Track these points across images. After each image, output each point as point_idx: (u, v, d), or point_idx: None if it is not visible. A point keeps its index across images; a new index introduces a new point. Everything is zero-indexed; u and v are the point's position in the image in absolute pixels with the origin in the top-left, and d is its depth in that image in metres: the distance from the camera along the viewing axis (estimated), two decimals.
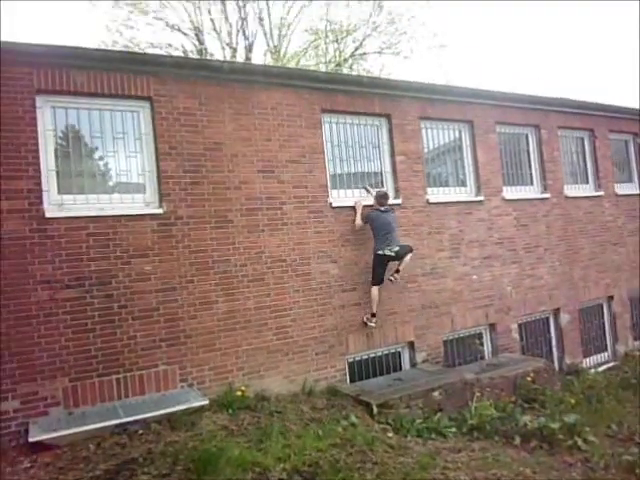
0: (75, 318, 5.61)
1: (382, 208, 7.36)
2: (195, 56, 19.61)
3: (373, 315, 7.34)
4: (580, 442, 5.99)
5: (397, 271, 7.42)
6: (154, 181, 6.24)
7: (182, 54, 19.71)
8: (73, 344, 5.58)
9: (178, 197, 6.24)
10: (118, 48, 18.52)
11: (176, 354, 6.09)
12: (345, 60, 20.97)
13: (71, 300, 5.61)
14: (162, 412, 5.43)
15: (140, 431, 5.21)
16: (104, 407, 5.59)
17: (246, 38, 20.08)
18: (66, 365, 5.53)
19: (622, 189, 11.43)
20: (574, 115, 10.55)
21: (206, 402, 5.65)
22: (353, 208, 7.49)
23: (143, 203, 6.20)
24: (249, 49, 20.09)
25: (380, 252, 7.21)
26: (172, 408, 5.49)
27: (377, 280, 7.33)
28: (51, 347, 5.47)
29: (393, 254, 7.22)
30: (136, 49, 18.87)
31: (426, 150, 8.59)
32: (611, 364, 10.28)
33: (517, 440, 5.98)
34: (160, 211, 6.14)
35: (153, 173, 6.25)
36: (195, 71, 6.62)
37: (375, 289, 7.34)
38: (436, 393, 6.67)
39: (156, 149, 6.24)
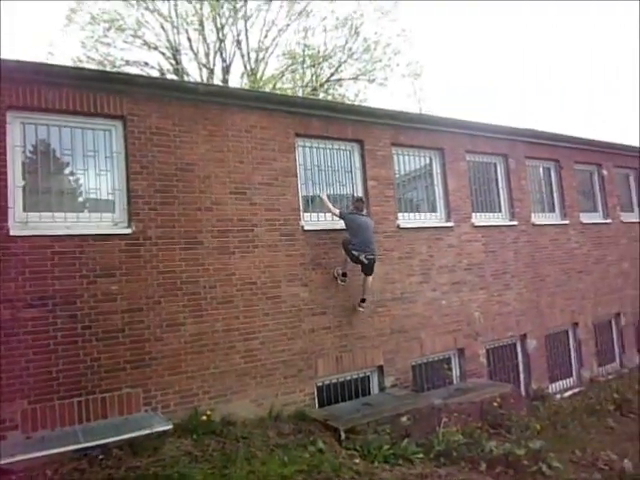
0: (37, 339, 5.46)
1: (362, 212, 7.48)
2: (172, 75, 19.68)
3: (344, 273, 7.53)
4: (545, 468, 6.06)
5: (363, 300, 7.54)
6: (124, 200, 6.18)
7: (159, 73, 19.75)
8: (34, 365, 5.42)
9: (148, 217, 6.19)
10: (93, 65, 18.48)
11: (141, 377, 5.96)
12: (321, 85, 21.28)
13: (33, 320, 5.46)
14: (124, 437, 5.28)
15: (101, 456, 5.06)
16: (64, 431, 5.42)
17: (223, 60, 20.25)
18: (26, 387, 5.35)
19: (587, 218, 11.76)
20: (541, 146, 10.88)
21: (170, 427, 5.52)
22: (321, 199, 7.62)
23: (112, 222, 6.12)
24: (226, 71, 20.23)
25: (356, 254, 7.24)
26: (135, 433, 5.35)
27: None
28: (10, 368, 5.30)
29: (366, 262, 7.29)
30: (111, 66, 18.83)
31: (397, 175, 8.73)
32: (576, 390, 10.44)
33: (483, 466, 6.00)
34: (129, 231, 6.07)
35: (123, 192, 6.19)
36: (170, 92, 6.64)
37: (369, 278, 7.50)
38: (404, 418, 6.66)
39: (127, 168, 6.20)
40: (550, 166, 11.31)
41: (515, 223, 10.13)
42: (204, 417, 5.98)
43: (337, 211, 7.42)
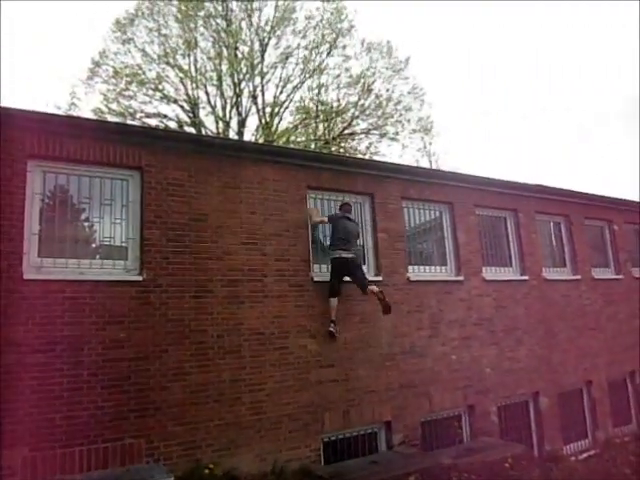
0: (42, 384, 5.44)
1: (347, 215, 7.57)
2: (189, 128, 20.31)
3: (332, 322, 7.29)
4: None
5: (385, 307, 7.24)
6: (136, 248, 6.29)
7: (177, 125, 20.39)
8: (37, 411, 5.38)
9: (159, 265, 6.27)
10: (114, 116, 19.15)
11: (144, 427, 5.87)
12: (334, 138, 21.79)
13: (40, 365, 5.46)
14: None
15: None
16: None
17: (239, 113, 20.89)
18: (28, 434, 5.30)
19: (598, 273, 11.68)
20: (551, 201, 10.96)
21: (171, 479, 5.41)
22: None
23: (124, 269, 6.21)
24: (242, 124, 20.84)
25: (335, 255, 7.26)
26: None
27: (331, 291, 7.32)
28: (14, 414, 5.26)
29: (349, 257, 7.25)
30: (131, 118, 19.49)
31: (407, 228, 8.81)
32: (592, 452, 10.04)
33: None
34: (140, 278, 6.14)
35: (136, 240, 6.31)
36: (187, 144, 6.88)
37: (333, 300, 7.31)
38: (412, 478, 6.43)
39: (142, 217, 6.34)
40: (560, 221, 11.34)
41: (526, 278, 10.08)
42: (206, 470, 5.86)
43: (325, 218, 7.59)
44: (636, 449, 9.70)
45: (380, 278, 8.03)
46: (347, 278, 7.47)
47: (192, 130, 19.99)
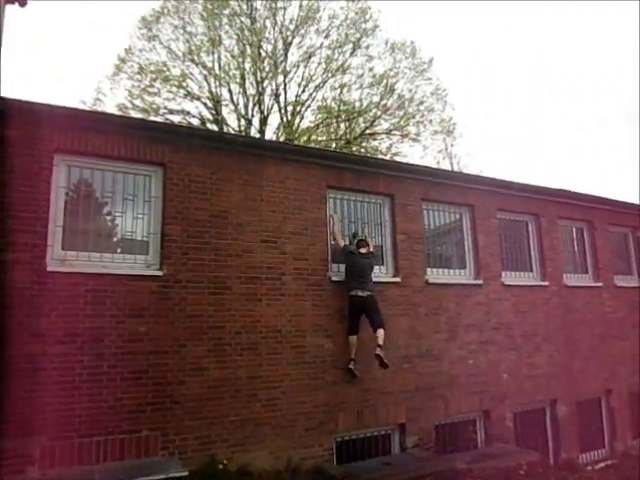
0: (63, 375, 5.54)
1: (361, 250, 7.52)
2: (212, 125, 20.45)
3: (352, 360, 7.21)
4: None
5: (379, 359, 7.08)
6: (157, 243, 6.36)
7: (200, 122, 20.55)
8: (58, 401, 5.48)
9: (179, 261, 6.34)
10: (138, 113, 19.38)
11: (160, 420, 5.95)
12: (355, 138, 21.74)
13: (62, 356, 5.57)
14: None
15: None
16: (81, 470, 5.40)
17: (261, 112, 20.98)
18: (48, 423, 5.40)
19: (621, 281, 11.47)
20: (574, 206, 10.79)
21: (185, 474, 5.44)
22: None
23: (144, 264, 6.29)
24: (263, 122, 20.93)
25: (352, 294, 7.20)
26: (150, 477, 5.29)
27: (350, 329, 7.26)
28: (35, 403, 5.37)
29: (365, 295, 7.16)
30: (155, 115, 19.71)
31: (427, 230, 8.76)
32: (609, 462, 9.88)
33: None
34: (160, 273, 6.21)
35: (157, 236, 6.39)
36: (209, 142, 6.94)
37: (352, 338, 7.25)
38: None
39: (163, 212, 6.42)
40: (583, 227, 11.17)
41: (546, 284, 9.95)
42: (220, 465, 5.91)
43: (342, 243, 7.53)
44: None
45: (398, 279, 8.01)
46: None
47: (214, 127, 20.12)
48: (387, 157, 20.78)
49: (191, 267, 6.40)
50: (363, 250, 7.56)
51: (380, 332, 7.16)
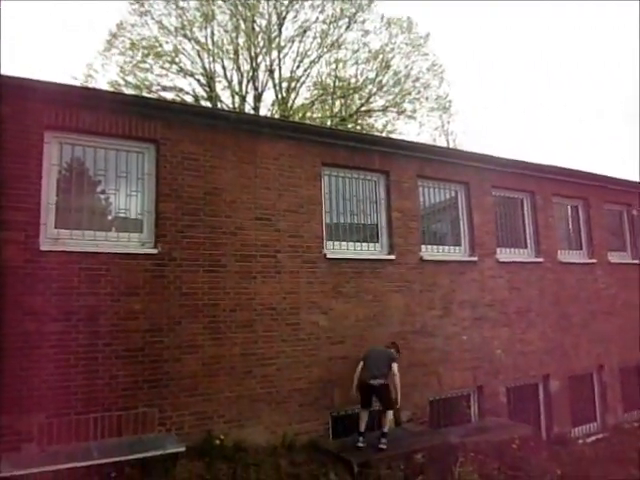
0: (59, 353, 5.57)
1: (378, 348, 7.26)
2: (205, 102, 20.18)
3: (360, 434, 6.77)
4: None
5: (383, 435, 6.73)
6: (151, 221, 6.33)
7: (193, 99, 20.28)
8: (54, 379, 5.51)
9: (174, 239, 6.32)
10: (130, 89, 19.09)
11: (157, 397, 5.99)
12: (350, 115, 21.53)
13: (57, 334, 5.58)
14: (137, 456, 5.32)
15: (113, 474, 5.10)
16: (78, 447, 5.46)
17: (255, 88, 20.70)
18: (44, 400, 5.44)
19: (615, 258, 11.52)
20: (569, 184, 10.77)
21: (183, 449, 5.52)
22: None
23: (139, 242, 6.26)
24: (258, 98, 20.66)
25: (366, 382, 6.88)
26: (148, 453, 5.38)
27: (363, 404, 6.96)
28: (31, 380, 5.40)
29: (376, 384, 6.82)
30: (147, 91, 19.43)
31: (422, 208, 8.74)
32: (600, 435, 10.06)
33: None
34: (155, 251, 6.20)
35: (151, 213, 6.35)
36: (202, 118, 6.86)
37: (364, 412, 6.91)
38: (419, 455, 6.52)
39: (157, 190, 6.37)
40: (578, 204, 11.17)
41: (541, 260, 9.99)
42: (217, 441, 5.98)
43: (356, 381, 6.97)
44: None
45: (393, 257, 8.02)
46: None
47: (208, 104, 19.87)
48: (383, 134, 20.60)
49: (185, 245, 6.38)
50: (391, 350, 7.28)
51: (389, 414, 6.96)
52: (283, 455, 6.22)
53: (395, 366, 6.98)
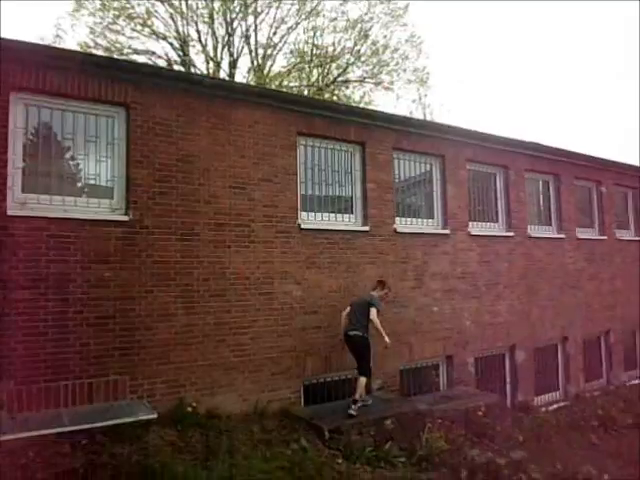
0: (28, 320, 5.46)
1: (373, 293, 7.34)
2: (179, 67, 19.62)
3: (354, 400, 6.84)
4: (525, 479, 6.08)
5: (354, 402, 6.83)
6: (122, 188, 6.19)
7: (166, 63, 19.68)
8: (23, 347, 5.42)
9: (145, 206, 6.20)
10: (100, 52, 18.43)
11: (129, 364, 5.97)
12: (327, 85, 21.25)
13: (25, 302, 5.47)
14: (108, 423, 5.30)
15: (84, 441, 5.08)
16: (49, 414, 5.42)
17: (231, 54, 20.20)
18: (13, 368, 5.36)
19: (583, 234, 11.81)
20: (542, 159, 10.92)
21: (155, 416, 5.53)
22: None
23: (109, 209, 6.13)
24: (233, 65, 20.19)
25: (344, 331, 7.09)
26: (119, 420, 5.37)
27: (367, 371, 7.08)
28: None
29: (352, 334, 7.02)
30: (118, 54, 18.78)
31: (397, 180, 8.76)
32: (562, 404, 10.47)
33: (464, 473, 6.02)
34: (126, 218, 6.08)
35: (122, 179, 6.20)
36: (175, 82, 6.66)
37: (362, 379, 6.99)
38: (389, 422, 6.68)
39: (128, 156, 6.21)
40: (549, 180, 11.35)
41: (511, 234, 10.17)
42: (189, 409, 6.01)
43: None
44: (604, 403, 10.15)
45: (367, 228, 8.06)
46: None
47: (181, 69, 19.34)
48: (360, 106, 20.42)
49: (158, 212, 6.28)
50: (373, 292, 7.35)
51: (361, 380, 6.97)
52: (255, 422, 6.30)
53: (373, 311, 6.97)
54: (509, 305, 10.00)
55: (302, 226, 7.43)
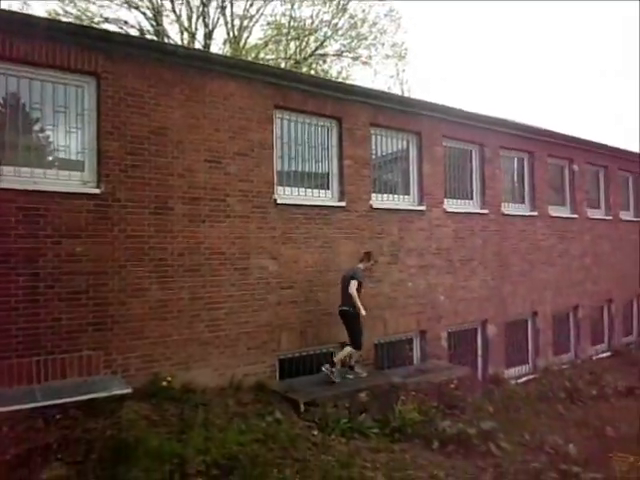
0: None
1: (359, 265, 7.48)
2: (152, 37, 19.08)
3: (331, 364, 7.17)
4: (494, 448, 6.28)
5: (332, 364, 7.16)
6: (93, 160, 6.04)
7: (138, 33, 19.11)
8: None
9: (117, 179, 6.07)
10: (70, 20, 17.77)
11: (102, 340, 5.91)
12: (305, 59, 20.96)
13: None
14: (82, 398, 5.27)
15: (57, 416, 5.04)
16: (21, 389, 5.36)
17: (206, 25, 19.70)
18: None
19: (555, 211, 12.02)
20: (517, 137, 11.01)
21: (129, 390, 5.51)
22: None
23: (80, 181, 5.98)
24: (208, 36, 19.72)
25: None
26: (93, 394, 5.34)
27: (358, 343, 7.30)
28: None
29: (342, 309, 7.29)
30: (89, 23, 18.14)
31: (374, 157, 8.75)
32: (531, 376, 10.79)
33: (436, 444, 6.20)
34: (97, 191, 5.95)
35: (93, 152, 6.04)
36: (148, 52, 6.47)
37: (351, 350, 7.30)
38: (363, 394, 6.80)
39: (98, 127, 6.04)
40: (524, 157, 11.47)
41: (486, 211, 10.29)
42: (164, 383, 6.00)
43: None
44: (571, 376, 10.50)
45: (344, 204, 8.05)
46: None
47: (155, 39, 18.80)
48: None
49: (130, 186, 6.15)
50: (360, 265, 7.48)
51: (345, 349, 7.27)
52: (231, 396, 6.33)
53: (352, 284, 7.09)
54: (482, 281, 10.18)
55: (278, 201, 7.38)
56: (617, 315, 13.82)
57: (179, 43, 19.11)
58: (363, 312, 7.06)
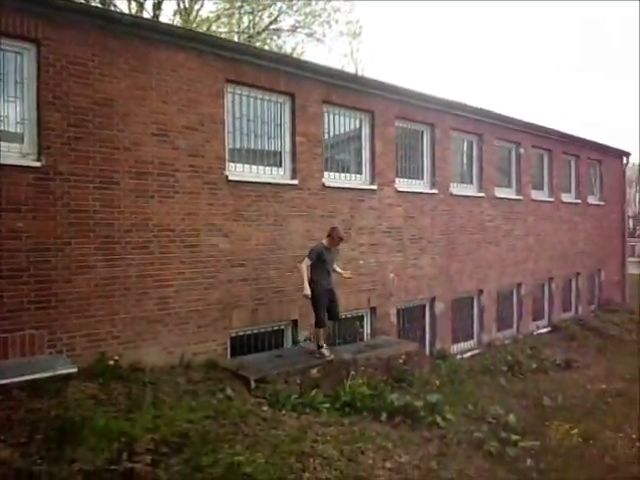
0: None
1: (328, 247, 7.39)
2: (97, 4, 18.19)
3: (320, 347, 7.28)
4: (439, 419, 6.50)
5: (319, 347, 7.31)
6: (34, 131, 5.74)
7: (83, 0, 18.19)
8: None
9: (60, 151, 5.81)
10: None
11: (45, 318, 5.71)
12: (258, 33, 20.57)
13: None
14: (25, 378, 5.09)
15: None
16: None
17: None
18: None
19: (501, 193, 12.39)
20: (467, 119, 11.22)
21: (74, 370, 5.37)
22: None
23: (19, 153, 5.69)
24: (157, 7, 18.97)
25: (324, 287, 7.21)
26: (37, 374, 5.16)
27: (321, 323, 7.31)
28: None
29: (331, 288, 7.35)
30: None
31: (327, 136, 8.73)
32: (476, 351, 11.20)
33: (384, 416, 6.36)
34: (38, 164, 5.68)
35: (33, 123, 5.75)
36: (92, 19, 6.17)
37: (320, 330, 7.33)
38: (314, 370, 6.88)
39: (38, 97, 5.74)
40: (473, 140, 11.73)
41: (435, 192, 10.49)
42: (111, 362, 5.87)
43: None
44: (513, 350, 10.99)
45: (296, 182, 8.02)
46: None
47: (99, 6, 17.94)
48: None
49: (74, 159, 5.90)
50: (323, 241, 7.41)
51: (314, 330, 7.43)
52: (181, 374, 6.27)
53: (304, 261, 7.16)
54: (431, 259, 10.42)
55: (230, 178, 7.27)
56: (557, 293, 14.49)
57: (127, 11, 18.33)
58: (307, 292, 7.05)
